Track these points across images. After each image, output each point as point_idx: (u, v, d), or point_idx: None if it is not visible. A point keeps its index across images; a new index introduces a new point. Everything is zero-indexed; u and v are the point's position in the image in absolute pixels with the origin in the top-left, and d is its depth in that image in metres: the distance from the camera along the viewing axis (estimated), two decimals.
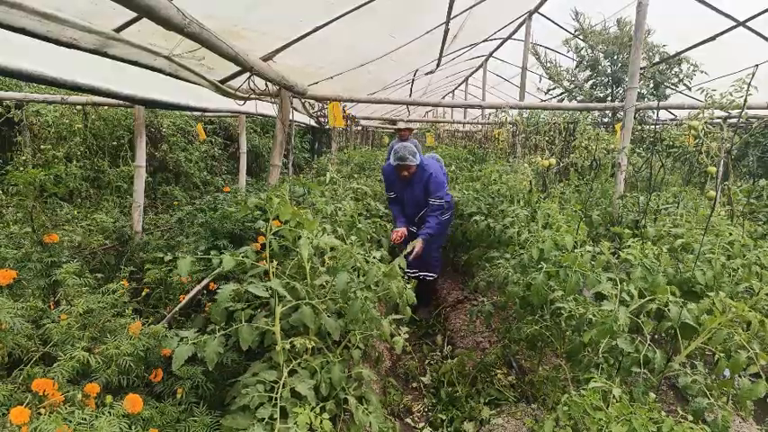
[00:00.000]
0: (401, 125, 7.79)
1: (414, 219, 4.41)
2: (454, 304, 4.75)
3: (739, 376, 1.79)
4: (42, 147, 5.85)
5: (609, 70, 6.22)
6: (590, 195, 4.24)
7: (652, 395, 1.76)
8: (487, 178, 4.77)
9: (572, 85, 6.67)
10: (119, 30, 2.23)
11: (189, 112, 7.94)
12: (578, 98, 6.53)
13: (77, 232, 3.50)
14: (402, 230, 4.14)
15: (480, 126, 10.00)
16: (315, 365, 1.93)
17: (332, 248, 2.27)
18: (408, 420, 3.04)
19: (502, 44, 9.06)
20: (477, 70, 11.48)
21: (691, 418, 1.67)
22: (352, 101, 4.84)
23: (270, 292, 1.87)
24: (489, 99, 11.19)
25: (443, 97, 15.55)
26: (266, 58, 3.51)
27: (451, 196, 4.43)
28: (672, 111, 7.24)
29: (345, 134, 10.03)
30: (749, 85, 2.70)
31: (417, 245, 3.92)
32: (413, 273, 4.39)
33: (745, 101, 2.70)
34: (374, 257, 2.16)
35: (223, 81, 3.17)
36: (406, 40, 5.26)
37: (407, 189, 4.30)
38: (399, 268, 2.18)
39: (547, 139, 5.42)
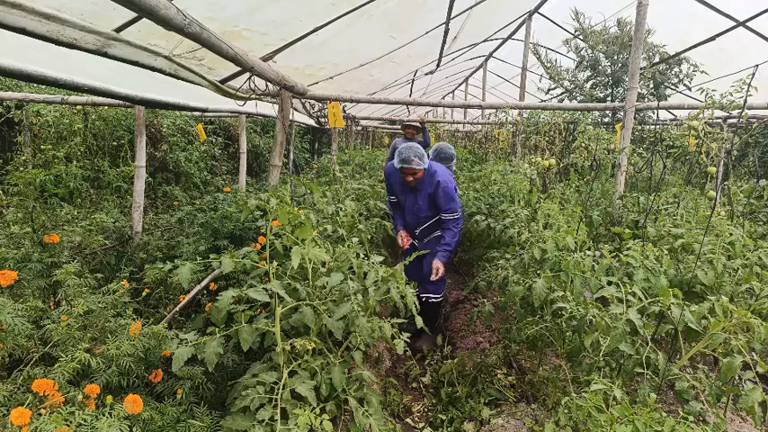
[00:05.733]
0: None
1: (414, 229, 3.92)
2: (454, 304, 4.75)
3: (739, 378, 1.78)
4: (42, 147, 5.85)
5: (609, 70, 6.22)
6: (590, 195, 4.24)
7: (653, 396, 1.76)
8: (488, 178, 4.77)
9: (572, 85, 6.67)
10: (119, 30, 2.23)
11: (189, 112, 7.94)
12: (578, 98, 6.53)
13: (77, 232, 3.50)
14: (406, 235, 3.79)
15: (480, 126, 10.00)
16: (315, 366, 1.93)
17: (334, 250, 2.27)
18: (408, 420, 3.04)
19: (502, 44, 9.07)
20: (477, 70, 11.49)
21: (692, 418, 1.67)
22: (352, 101, 4.84)
23: (270, 293, 1.87)
24: (489, 99, 11.20)
25: (443, 97, 15.57)
26: (266, 59, 3.51)
27: (461, 203, 3.99)
28: (672, 111, 7.25)
29: (345, 134, 10.02)
30: (749, 85, 2.70)
31: (440, 267, 3.56)
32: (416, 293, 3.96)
33: (745, 101, 2.70)
34: (374, 261, 2.16)
35: (223, 81, 3.17)
36: (406, 41, 5.26)
37: (410, 196, 3.79)
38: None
39: (547, 139, 5.42)
